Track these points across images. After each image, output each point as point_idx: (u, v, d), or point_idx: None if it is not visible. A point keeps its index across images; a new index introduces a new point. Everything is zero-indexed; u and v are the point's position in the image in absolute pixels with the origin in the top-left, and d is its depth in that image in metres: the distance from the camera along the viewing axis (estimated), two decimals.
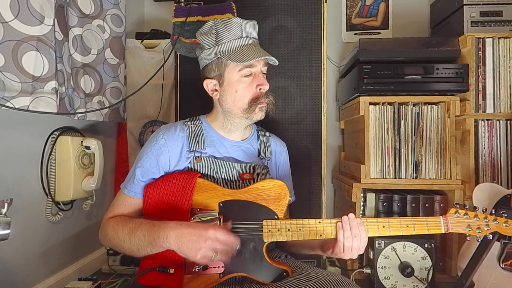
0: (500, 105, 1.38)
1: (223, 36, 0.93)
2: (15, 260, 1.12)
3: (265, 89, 0.94)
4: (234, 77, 0.93)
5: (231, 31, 0.93)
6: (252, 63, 0.92)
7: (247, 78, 0.93)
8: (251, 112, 0.94)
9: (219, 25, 0.93)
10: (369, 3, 1.90)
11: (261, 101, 0.94)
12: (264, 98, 0.95)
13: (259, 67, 0.95)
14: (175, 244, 0.76)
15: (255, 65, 0.93)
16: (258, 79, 0.94)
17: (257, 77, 0.94)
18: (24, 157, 1.15)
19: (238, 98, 0.94)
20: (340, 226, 0.84)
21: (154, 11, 2.00)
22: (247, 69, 0.93)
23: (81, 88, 1.29)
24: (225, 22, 0.93)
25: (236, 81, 0.93)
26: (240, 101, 0.94)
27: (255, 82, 0.94)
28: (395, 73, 1.40)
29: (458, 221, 0.85)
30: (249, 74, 0.93)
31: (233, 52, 0.92)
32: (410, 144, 1.41)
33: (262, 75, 0.96)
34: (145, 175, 0.90)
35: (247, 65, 0.92)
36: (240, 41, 0.93)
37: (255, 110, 0.94)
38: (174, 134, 0.94)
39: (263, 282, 0.84)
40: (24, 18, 0.99)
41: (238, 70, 0.93)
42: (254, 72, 0.94)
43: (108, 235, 0.86)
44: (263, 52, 0.93)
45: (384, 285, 1.29)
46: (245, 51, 0.92)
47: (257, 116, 0.95)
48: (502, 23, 1.46)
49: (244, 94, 0.94)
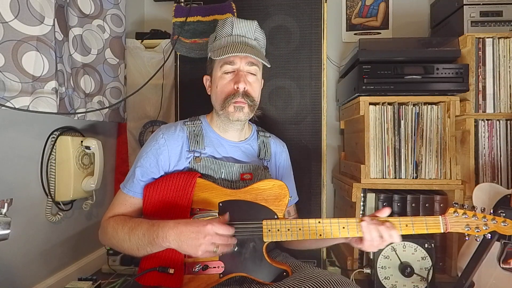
0: (500, 105, 1.38)
1: (217, 34, 0.97)
2: (15, 260, 1.12)
3: (240, 88, 0.91)
4: (218, 74, 0.95)
5: (223, 28, 0.96)
6: (232, 60, 0.92)
7: (228, 75, 0.93)
8: (225, 109, 0.92)
9: (218, 23, 0.97)
10: (369, 3, 1.90)
11: (236, 99, 0.91)
12: (240, 97, 0.91)
13: (241, 65, 0.93)
14: (175, 243, 0.76)
15: (235, 62, 0.92)
16: (237, 77, 0.92)
17: (237, 75, 0.92)
18: (24, 157, 1.15)
19: (218, 95, 0.94)
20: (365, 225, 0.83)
21: (154, 11, 2.00)
22: (228, 65, 0.92)
23: (81, 88, 1.29)
24: (223, 21, 0.96)
25: (219, 77, 0.94)
26: (219, 97, 0.94)
27: (234, 79, 0.92)
28: (395, 73, 1.40)
29: (456, 221, 0.85)
30: (231, 71, 0.93)
31: (217, 48, 0.94)
32: (410, 144, 1.41)
33: (244, 74, 0.93)
34: (145, 174, 0.90)
35: (227, 61, 0.92)
36: (228, 39, 0.94)
37: (228, 108, 0.91)
38: (174, 134, 0.94)
39: (263, 282, 0.84)
40: (24, 18, 0.99)
41: (220, 66, 0.93)
42: (237, 69, 0.93)
43: (108, 234, 0.86)
44: (244, 50, 0.90)
45: (384, 285, 1.29)
46: (228, 48, 0.91)
47: (233, 115, 0.92)
48: (502, 23, 1.46)
49: (222, 90, 0.93)
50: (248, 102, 0.93)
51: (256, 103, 0.96)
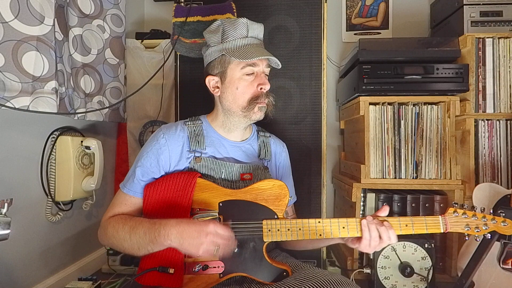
0: (500, 105, 1.38)
1: (229, 35, 0.95)
2: (15, 260, 1.12)
3: (266, 89, 0.95)
4: (236, 75, 0.94)
5: (237, 30, 0.94)
6: (255, 62, 0.93)
7: (249, 77, 0.94)
8: (250, 111, 0.94)
9: (226, 24, 0.95)
10: (369, 3, 1.90)
11: (261, 100, 0.94)
12: (264, 98, 0.95)
13: (262, 67, 0.95)
14: (177, 241, 0.76)
15: (257, 65, 0.94)
16: (259, 79, 0.95)
17: (259, 76, 0.95)
18: (24, 157, 1.15)
19: (239, 96, 0.94)
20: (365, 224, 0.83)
21: (154, 11, 2.00)
22: (250, 67, 0.93)
23: (81, 88, 1.29)
24: (232, 21, 0.95)
25: (238, 79, 0.94)
26: (240, 98, 0.94)
27: (256, 81, 0.94)
28: (395, 73, 1.40)
29: (456, 221, 0.85)
30: (251, 73, 0.94)
31: (237, 50, 0.93)
32: (410, 144, 1.41)
33: (264, 76, 0.96)
34: (145, 174, 0.91)
35: (250, 64, 0.93)
36: (245, 40, 0.94)
37: (254, 109, 0.94)
38: (175, 133, 0.94)
39: (263, 282, 0.84)
40: (24, 18, 0.99)
41: (240, 67, 0.93)
42: (257, 71, 0.95)
43: (108, 233, 0.86)
44: (267, 53, 0.94)
45: (384, 285, 1.29)
46: (249, 50, 0.92)
47: (256, 115, 0.95)
48: (502, 23, 1.46)
49: (245, 92, 0.94)
50: (270, 101, 0.97)
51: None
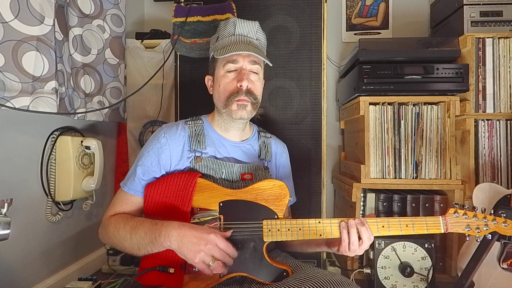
0: (500, 105, 1.38)
1: (219, 34, 0.98)
2: (15, 260, 1.12)
3: (244, 86, 0.91)
4: (220, 72, 0.95)
5: (226, 28, 0.96)
6: (235, 59, 0.92)
7: (231, 74, 0.94)
8: (228, 108, 0.92)
9: (221, 24, 0.97)
10: (369, 3, 1.90)
11: (239, 97, 0.91)
12: (243, 95, 0.91)
13: (243, 63, 0.93)
14: (176, 244, 0.76)
15: (238, 61, 0.93)
16: (239, 75, 0.93)
17: (240, 73, 0.93)
18: (24, 157, 1.15)
19: (221, 93, 0.94)
20: (344, 226, 0.83)
21: (154, 11, 2.00)
22: (231, 64, 0.93)
23: (81, 88, 1.29)
24: (225, 21, 0.97)
25: (221, 76, 0.95)
26: (222, 96, 0.94)
27: (236, 78, 0.93)
28: (395, 73, 1.40)
29: (457, 221, 0.85)
30: (234, 70, 0.93)
31: (220, 47, 0.94)
32: (410, 144, 1.41)
33: (247, 73, 0.94)
34: (146, 173, 0.90)
35: (230, 60, 0.93)
36: (231, 38, 0.95)
37: (232, 106, 0.92)
38: (176, 133, 0.94)
39: (263, 282, 0.84)
40: (24, 18, 0.99)
41: (222, 65, 0.94)
42: (240, 68, 0.93)
43: (109, 232, 0.86)
44: (247, 48, 0.91)
45: (384, 285, 1.29)
46: (231, 47, 0.92)
47: (236, 114, 0.92)
48: (502, 23, 1.46)
49: (225, 89, 0.94)
50: (251, 100, 0.93)
51: (258, 101, 0.97)
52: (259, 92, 0.98)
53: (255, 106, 0.95)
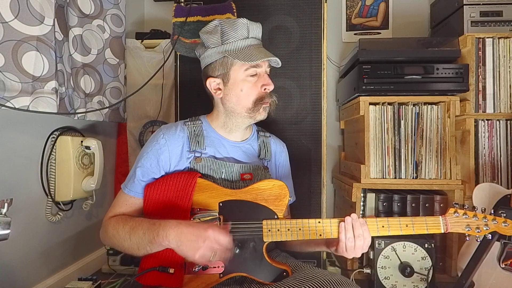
0: (500, 105, 1.38)
1: (230, 36, 0.93)
2: (15, 260, 1.12)
3: (270, 89, 0.96)
4: (240, 76, 0.94)
5: (237, 31, 0.93)
6: (258, 63, 0.93)
7: (253, 78, 0.94)
8: (255, 112, 0.95)
9: (225, 25, 0.93)
10: (369, 3, 1.90)
11: (265, 101, 0.95)
12: (268, 98, 0.96)
13: (264, 68, 0.96)
14: (174, 243, 0.76)
15: (260, 66, 0.95)
16: (263, 79, 0.95)
17: (262, 77, 0.96)
18: (24, 157, 1.15)
19: (243, 98, 0.94)
20: (343, 226, 0.83)
21: (154, 11, 2.00)
22: (253, 69, 0.94)
23: (81, 88, 1.29)
24: (231, 22, 0.94)
25: (242, 80, 0.94)
26: (245, 100, 0.94)
27: (260, 82, 0.95)
28: (395, 73, 1.40)
29: (457, 221, 0.85)
30: (255, 74, 0.94)
31: (240, 51, 0.93)
32: (410, 144, 1.41)
33: (267, 76, 0.97)
34: (146, 174, 0.90)
35: (254, 65, 0.93)
36: (246, 41, 0.94)
37: (259, 110, 0.95)
38: (175, 134, 0.94)
39: (263, 282, 0.84)
40: (24, 18, 0.99)
41: (244, 69, 0.93)
42: (259, 72, 0.95)
43: (109, 233, 0.86)
44: (269, 53, 0.94)
45: (384, 285, 1.29)
46: (252, 51, 0.93)
47: (260, 115, 0.96)
48: (502, 23, 1.46)
49: (249, 93, 0.94)
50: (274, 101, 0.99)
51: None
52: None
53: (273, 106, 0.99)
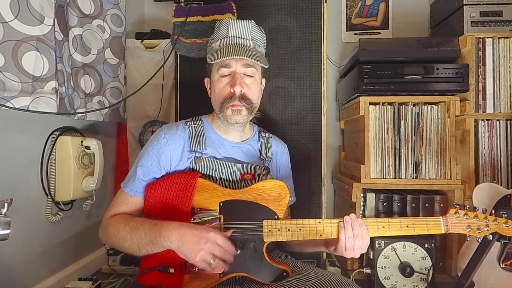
0: (500, 105, 1.38)
1: (214, 36, 0.97)
2: (15, 260, 1.12)
3: (236, 91, 0.90)
4: (215, 76, 0.95)
5: (219, 30, 0.95)
6: (227, 63, 0.91)
7: (225, 78, 0.93)
8: (223, 113, 0.92)
9: (216, 25, 0.96)
10: (369, 3, 1.90)
11: (234, 102, 0.90)
12: (236, 100, 0.90)
13: (237, 67, 0.92)
14: (176, 244, 0.76)
15: (231, 65, 0.92)
16: (233, 80, 0.92)
17: (234, 77, 0.92)
18: (24, 157, 1.15)
19: (216, 98, 0.94)
20: (342, 226, 0.83)
21: (154, 11, 2.00)
22: (224, 68, 0.92)
23: (81, 88, 1.29)
24: (219, 22, 0.96)
25: (216, 80, 0.94)
26: (217, 100, 0.94)
27: (230, 82, 0.92)
28: (395, 73, 1.40)
29: (458, 222, 0.85)
30: (228, 74, 0.93)
31: (213, 51, 0.94)
32: (410, 144, 1.41)
33: (241, 77, 0.92)
34: (146, 174, 0.90)
35: (223, 65, 0.92)
36: (224, 41, 0.94)
37: (226, 111, 0.91)
38: (176, 134, 0.94)
39: (263, 282, 0.84)
40: (24, 18, 0.99)
41: (216, 69, 0.93)
42: (233, 72, 0.92)
43: (109, 233, 0.86)
44: (239, 52, 0.89)
45: (384, 285, 1.29)
46: (223, 51, 0.90)
47: (231, 118, 0.92)
48: (502, 23, 1.46)
49: (219, 93, 0.93)
50: (245, 105, 0.92)
51: (254, 105, 0.95)
52: (255, 95, 0.95)
53: (250, 110, 0.94)
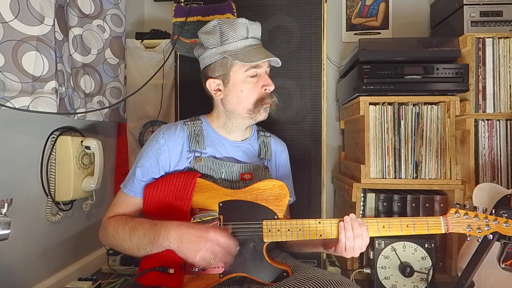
0: (500, 105, 1.38)
1: (229, 36, 0.92)
2: (15, 260, 1.12)
3: (271, 90, 0.96)
4: (240, 77, 0.93)
5: (237, 31, 0.93)
6: (258, 64, 0.93)
7: (253, 79, 0.94)
8: (256, 113, 0.95)
9: (224, 25, 0.92)
10: (369, 3, 1.90)
11: (266, 101, 0.95)
12: (269, 98, 0.95)
13: (265, 68, 0.96)
14: (175, 243, 0.76)
15: (260, 66, 0.94)
16: (263, 80, 0.95)
17: (263, 77, 0.95)
18: (24, 157, 1.15)
19: (244, 98, 0.94)
20: (342, 227, 0.83)
21: (154, 11, 2.00)
22: (253, 69, 0.93)
23: (81, 88, 1.29)
24: (230, 22, 0.93)
25: (242, 81, 0.93)
26: (246, 101, 0.94)
27: (260, 82, 0.94)
28: (395, 73, 1.40)
29: (458, 221, 0.85)
30: (255, 74, 0.94)
31: (239, 52, 0.92)
32: (410, 144, 1.41)
33: (267, 76, 0.97)
34: (145, 174, 0.90)
35: (254, 66, 0.92)
36: (246, 42, 0.94)
37: (260, 110, 0.95)
38: (175, 134, 0.94)
39: (263, 282, 0.84)
40: (24, 18, 0.99)
41: (244, 70, 0.93)
42: (259, 72, 0.95)
43: (109, 233, 0.86)
44: (269, 54, 0.94)
45: (384, 285, 1.29)
46: (252, 52, 0.92)
47: (261, 116, 0.96)
48: (502, 23, 1.46)
49: (250, 94, 0.94)
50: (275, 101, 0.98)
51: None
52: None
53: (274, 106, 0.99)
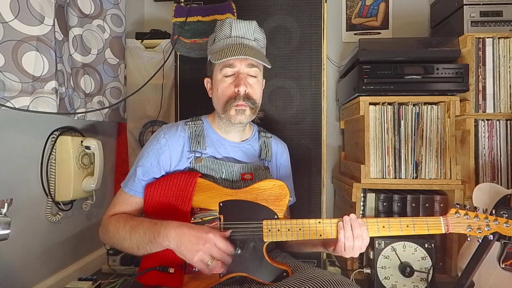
0: (500, 105, 1.38)
1: (216, 35, 0.96)
2: (15, 260, 1.12)
3: (241, 91, 0.90)
4: (218, 76, 0.94)
5: (222, 30, 0.95)
6: (231, 63, 0.91)
7: (229, 78, 0.93)
8: (226, 113, 0.92)
9: (217, 25, 0.96)
10: (369, 3, 1.90)
11: (238, 102, 0.91)
12: (241, 100, 0.91)
13: (240, 67, 0.92)
14: (174, 243, 0.76)
15: (235, 65, 0.92)
16: (237, 80, 0.92)
17: (238, 77, 0.92)
18: (24, 157, 1.15)
19: (219, 98, 0.94)
20: (341, 226, 0.83)
21: (154, 11, 2.00)
22: (228, 68, 0.92)
23: (81, 88, 1.29)
24: (221, 22, 0.96)
25: (219, 80, 0.94)
26: (220, 100, 0.93)
27: (234, 82, 0.92)
28: (395, 73, 1.40)
29: (458, 222, 0.85)
30: (232, 74, 0.92)
31: (217, 51, 0.93)
32: (410, 144, 1.41)
33: (245, 76, 0.92)
34: (146, 174, 0.90)
35: (227, 64, 0.91)
36: (227, 41, 0.94)
37: (230, 111, 0.91)
38: (176, 134, 0.94)
39: (263, 282, 0.84)
40: (24, 18, 0.99)
41: (220, 69, 0.93)
42: (237, 72, 0.92)
43: (109, 232, 0.86)
44: (244, 52, 0.89)
45: (384, 285, 1.29)
46: (227, 50, 0.90)
47: (235, 118, 0.92)
48: (502, 23, 1.46)
49: (223, 93, 0.93)
50: (250, 105, 0.92)
51: (257, 105, 0.96)
52: (258, 96, 0.96)
53: (253, 110, 0.94)
